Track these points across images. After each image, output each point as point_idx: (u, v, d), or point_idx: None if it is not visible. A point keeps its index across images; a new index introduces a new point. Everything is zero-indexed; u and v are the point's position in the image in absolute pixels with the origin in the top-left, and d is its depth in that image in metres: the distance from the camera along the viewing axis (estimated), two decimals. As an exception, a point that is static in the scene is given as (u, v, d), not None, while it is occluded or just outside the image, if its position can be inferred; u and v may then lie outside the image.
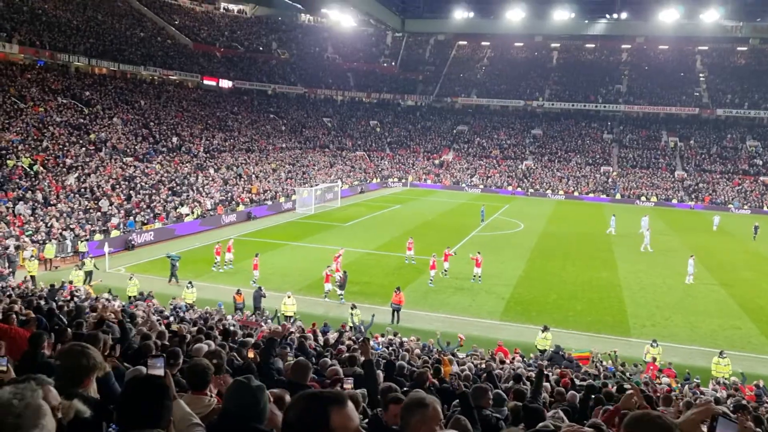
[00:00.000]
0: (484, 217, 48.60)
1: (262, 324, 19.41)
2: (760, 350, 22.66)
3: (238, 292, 24.19)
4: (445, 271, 30.73)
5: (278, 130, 74.02)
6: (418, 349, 17.70)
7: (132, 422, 2.49)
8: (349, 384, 6.54)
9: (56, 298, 17.96)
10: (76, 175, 39.40)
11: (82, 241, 31.77)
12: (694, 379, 18.04)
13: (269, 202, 50.03)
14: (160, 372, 3.88)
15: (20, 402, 1.69)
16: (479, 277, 30.10)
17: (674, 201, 66.63)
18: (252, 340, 12.21)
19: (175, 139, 54.05)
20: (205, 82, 71.29)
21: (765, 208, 63.68)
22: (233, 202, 46.87)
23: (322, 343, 15.96)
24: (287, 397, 4.67)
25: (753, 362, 21.04)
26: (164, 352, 6.39)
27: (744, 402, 13.27)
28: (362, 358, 7.09)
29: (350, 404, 2.10)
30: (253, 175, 55.11)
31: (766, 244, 42.84)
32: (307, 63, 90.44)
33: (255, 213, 46.69)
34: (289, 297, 23.66)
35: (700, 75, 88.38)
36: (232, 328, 16.52)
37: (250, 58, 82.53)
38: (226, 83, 73.99)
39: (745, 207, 64.04)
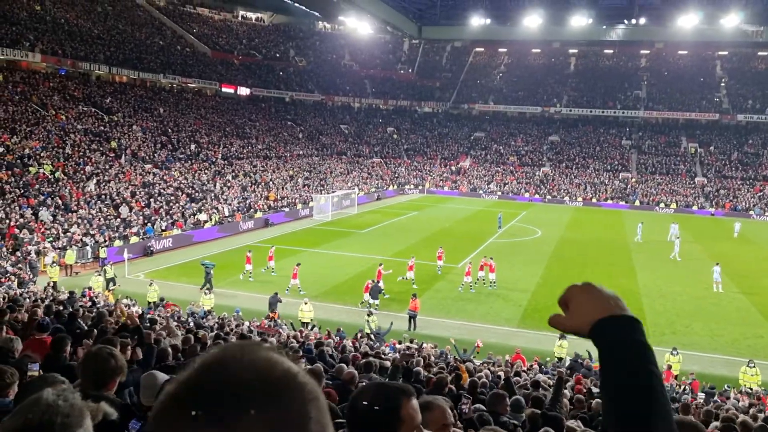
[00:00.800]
0: (501, 223, 48.38)
1: (280, 330, 19.47)
2: (783, 359, 22.31)
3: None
4: (482, 279, 30.59)
5: (295, 137, 74.41)
6: (434, 356, 17.63)
7: None
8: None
9: (75, 305, 18.15)
10: (96, 181, 39.88)
11: (102, 247, 32.12)
12: (725, 386, 17.82)
13: (286, 209, 50.24)
14: None
15: (65, 402, 1.75)
16: (494, 282, 30.03)
17: (694, 207, 65.93)
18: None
19: (193, 146, 54.54)
20: (224, 89, 71.96)
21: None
22: (251, 209, 47.13)
23: (339, 349, 15.98)
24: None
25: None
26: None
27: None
28: (386, 364, 7.12)
29: (415, 398, 2.13)
30: (271, 182, 55.39)
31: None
32: (325, 70, 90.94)
33: (272, 220, 46.89)
34: (306, 303, 23.71)
35: (721, 80, 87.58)
36: (249, 334, 16.61)
37: (268, 66, 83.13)
38: (244, 91, 74.60)
39: (767, 213, 63.22)
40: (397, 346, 19.76)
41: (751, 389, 18.30)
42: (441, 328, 24.27)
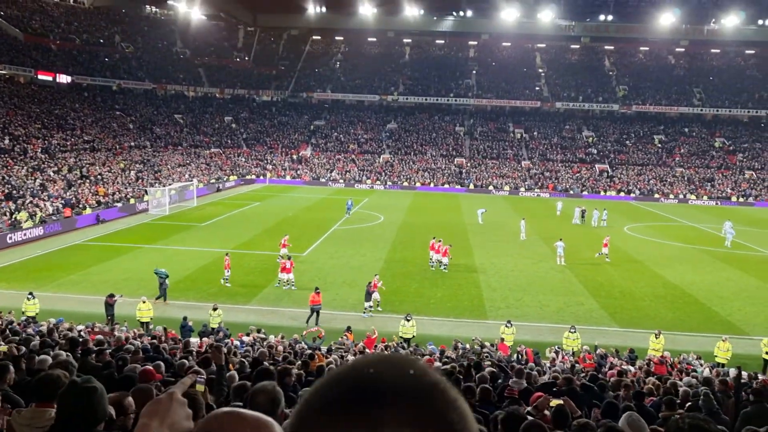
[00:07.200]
0: (350, 208, 49.04)
1: (115, 333, 18.21)
2: (600, 323, 24.62)
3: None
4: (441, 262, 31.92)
5: (125, 128, 70.02)
6: (281, 346, 17.41)
7: None
8: (200, 383, 6.41)
9: None
10: None
11: None
12: (557, 347, 19.19)
13: (119, 204, 47.19)
14: None
15: None
16: (444, 264, 31.69)
17: (522, 189, 70.71)
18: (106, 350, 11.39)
19: (7, 140, 49.49)
20: (40, 76, 65.99)
21: (601, 193, 69.48)
22: (80, 205, 43.69)
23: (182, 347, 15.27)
24: (129, 400, 4.51)
25: (594, 334, 22.78)
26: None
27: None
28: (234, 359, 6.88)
29: None
30: (100, 176, 51.71)
31: (610, 226, 46.66)
32: (155, 57, 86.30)
33: (104, 216, 43.82)
34: (144, 302, 22.45)
35: (540, 70, 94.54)
36: (80, 338, 15.37)
37: (91, 52, 77.37)
38: (64, 78, 68.96)
39: (584, 192, 69.45)
40: (245, 338, 19.32)
41: (574, 351, 20.10)
42: (289, 318, 24.06)
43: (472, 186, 71.40)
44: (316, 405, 0.97)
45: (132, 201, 48.89)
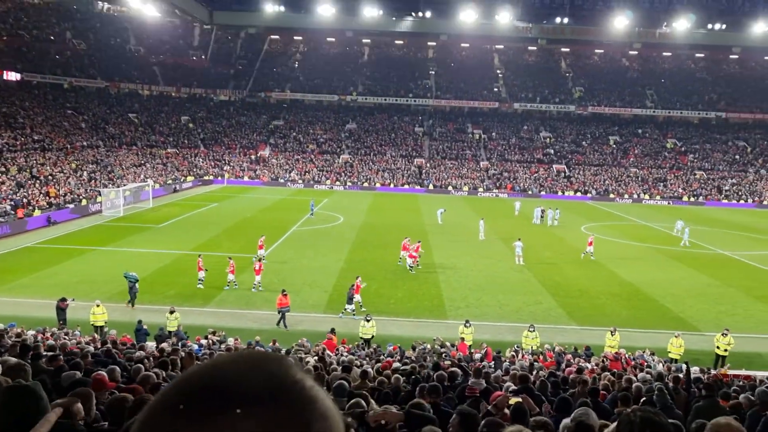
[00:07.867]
0: (313, 210, 48.96)
1: (65, 338, 17.71)
2: (557, 321, 24.98)
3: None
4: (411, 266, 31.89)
5: (77, 127, 68.25)
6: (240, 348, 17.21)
7: None
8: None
9: None
10: None
11: None
12: (515, 347, 19.40)
13: (71, 205, 45.98)
14: None
15: None
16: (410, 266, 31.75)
17: (480, 190, 71.35)
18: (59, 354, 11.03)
19: (-48, 139, 47.80)
20: (-13, 74, 63.94)
21: (559, 193, 70.57)
22: (29, 206, 42.41)
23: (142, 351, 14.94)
24: (78, 406, 4.39)
25: (552, 332, 23.13)
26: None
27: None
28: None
29: None
30: (51, 176, 50.30)
31: (566, 226, 47.43)
32: (108, 55, 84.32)
33: (55, 217, 42.62)
34: (98, 306, 21.89)
35: (498, 72, 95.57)
36: (33, 343, 14.91)
37: (41, 49, 75.21)
38: (12, 75, 66.87)
39: (542, 193, 70.45)
40: (203, 341, 19.03)
41: (534, 349, 20.35)
42: (249, 320, 23.78)
43: (431, 186, 71.74)
44: (163, 405, 0.92)
45: (84, 202, 47.71)
